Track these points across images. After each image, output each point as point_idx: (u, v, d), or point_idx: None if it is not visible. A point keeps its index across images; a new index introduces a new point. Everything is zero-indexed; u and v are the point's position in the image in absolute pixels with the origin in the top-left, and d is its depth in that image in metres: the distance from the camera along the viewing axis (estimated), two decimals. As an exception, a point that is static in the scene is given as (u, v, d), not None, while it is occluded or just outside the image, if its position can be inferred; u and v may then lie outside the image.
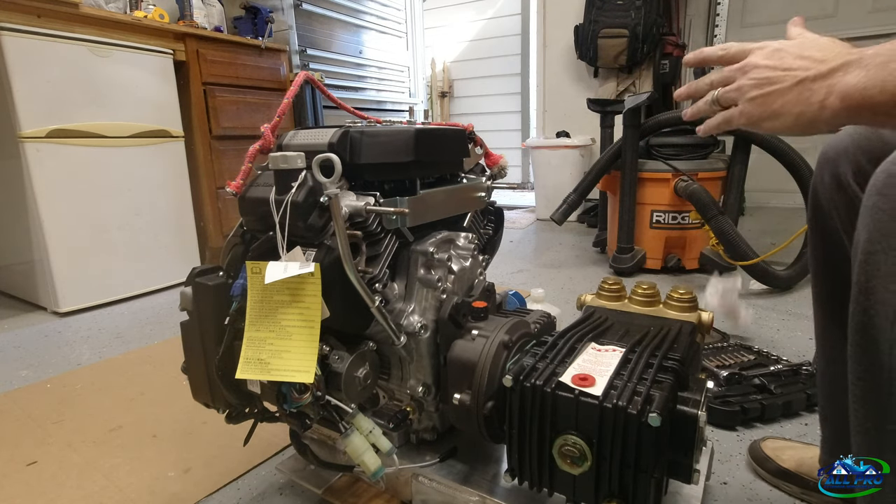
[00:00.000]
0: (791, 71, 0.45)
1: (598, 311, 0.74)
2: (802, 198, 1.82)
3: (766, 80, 0.47)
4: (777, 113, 0.46)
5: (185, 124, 2.06)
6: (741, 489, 0.82)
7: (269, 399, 0.64)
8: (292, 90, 0.74)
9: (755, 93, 0.48)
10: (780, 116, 0.46)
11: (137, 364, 1.34)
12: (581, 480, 0.55)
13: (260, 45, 2.32)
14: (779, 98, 0.46)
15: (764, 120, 0.48)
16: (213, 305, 0.65)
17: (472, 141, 0.87)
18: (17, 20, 1.56)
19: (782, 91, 0.46)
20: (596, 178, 2.08)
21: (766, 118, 0.47)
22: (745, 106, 0.49)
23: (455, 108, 4.86)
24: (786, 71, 0.46)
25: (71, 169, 1.72)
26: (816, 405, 1.02)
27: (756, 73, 0.48)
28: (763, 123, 0.48)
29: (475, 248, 0.78)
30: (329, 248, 0.62)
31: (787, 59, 0.46)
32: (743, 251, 1.69)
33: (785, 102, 0.45)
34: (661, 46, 2.86)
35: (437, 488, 0.70)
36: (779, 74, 0.46)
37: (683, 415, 0.53)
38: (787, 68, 0.46)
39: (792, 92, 0.45)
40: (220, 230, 2.22)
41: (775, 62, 0.47)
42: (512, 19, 4.42)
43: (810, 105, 0.44)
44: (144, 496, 0.84)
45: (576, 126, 3.28)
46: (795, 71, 0.45)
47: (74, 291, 1.76)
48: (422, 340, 0.69)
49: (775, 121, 0.47)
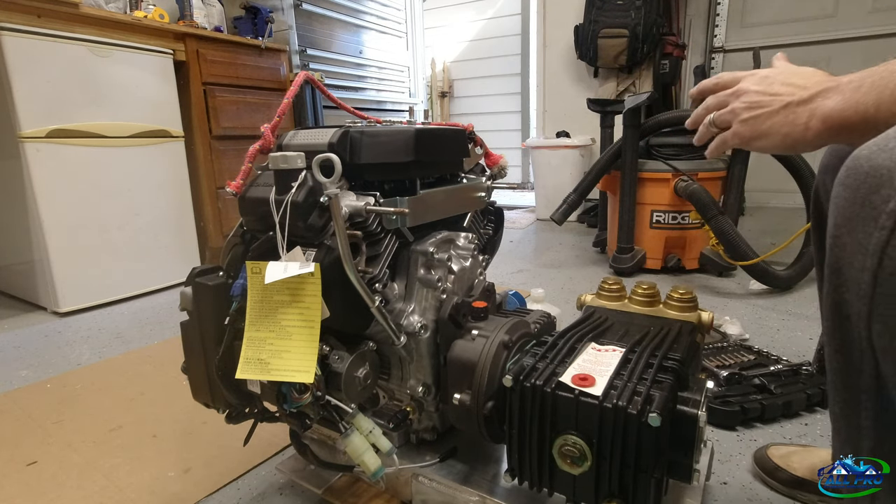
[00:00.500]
0: (778, 96, 0.51)
1: (598, 311, 0.74)
2: (803, 198, 1.82)
3: (755, 104, 0.53)
4: (766, 133, 0.52)
5: (185, 124, 2.06)
6: (741, 489, 0.82)
7: (269, 399, 0.64)
8: (292, 90, 0.74)
9: (746, 115, 0.53)
10: (768, 136, 0.52)
11: (137, 364, 1.35)
12: (581, 480, 0.55)
13: (260, 45, 2.32)
14: (767, 120, 0.51)
15: (754, 139, 0.53)
16: (213, 305, 0.65)
17: (472, 141, 0.87)
18: (17, 20, 1.56)
19: (770, 114, 0.51)
20: (596, 178, 2.08)
21: (756, 138, 0.53)
22: (737, 127, 0.54)
23: (455, 108, 4.86)
24: (773, 96, 0.51)
25: (71, 169, 1.72)
26: (817, 405, 1.02)
27: (747, 97, 0.54)
28: (753, 143, 0.53)
29: (475, 248, 0.78)
30: (329, 248, 0.62)
31: (775, 86, 0.52)
32: (743, 251, 1.69)
33: (773, 124, 0.51)
34: (661, 46, 2.86)
35: (437, 488, 0.70)
36: (767, 99, 0.52)
37: (683, 415, 0.54)
38: (774, 93, 0.51)
39: (779, 115, 0.50)
40: (220, 230, 2.22)
41: (764, 87, 0.53)
42: (512, 19, 4.42)
43: (795, 126, 0.49)
44: (144, 496, 0.84)
45: (576, 126, 3.28)
46: (782, 96, 0.51)
47: (74, 291, 1.76)
48: (422, 340, 0.69)
49: (764, 140, 0.52)
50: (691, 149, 1.94)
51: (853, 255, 0.38)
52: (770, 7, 3.00)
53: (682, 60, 2.99)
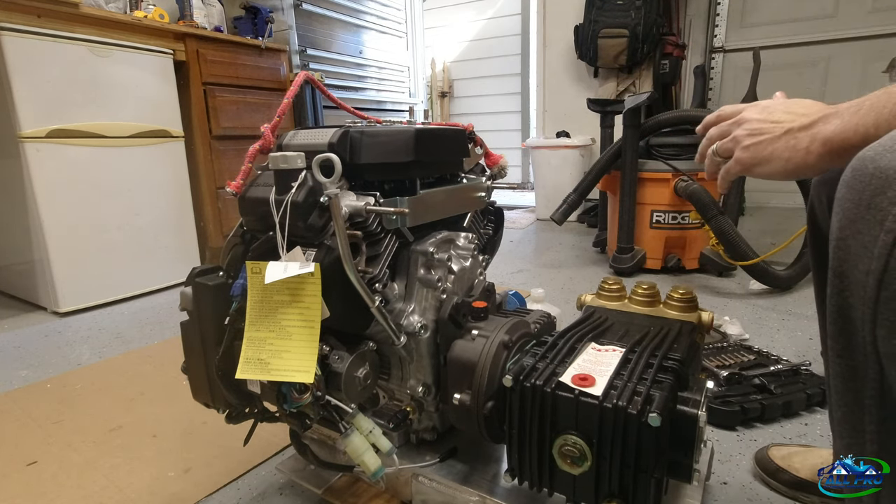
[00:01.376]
0: (779, 123, 0.52)
1: (598, 311, 0.74)
2: (802, 198, 1.82)
3: (757, 131, 0.53)
4: (767, 159, 0.52)
5: (185, 124, 2.06)
6: (741, 489, 0.82)
7: (269, 399, 0.64)
8: (292, 90, 0.74)
9: (749, 141, 0.54)
10: (770, 162, 0.52)
11: (137, 364, 1.35)
12: (581, 480, 0.55)
13: (260, 45, 2.32)
14: (769, 146, 0.52)
15: (756, 165, 0.54)
16: (213, 305, 0.65)
17: (472, 141, 0.87)
18: (17, 20, 1.56)
19: (772, 140, 0.52)
20: (596, 178, 2.08)
21: (758, 163, 0.53)
22: (739, 154, 0.55)
23: (455, 108, 4.86)
24: (774, 123, 0.52)
25: (71, 169, 1.72)
26: (817, 405, 1.02)
27: (748, 125, 0.55)
28: (756, 169, 0.54)
29: (475, 248, 0.78)
30: (329, 248, 0.62)
31: (776, 114, 0.53)
32: (743, 251, 1.69)
33: (774, 149, 0.52)
34: (661, 46, 2.86)
35: (437, 488, 0.70)
36: (769, 126, 0.53)
37: (683, 415, 0.54)
38: (775, 121, 0.52)
39: (780, 140, 0.51)
40: (220, 230, 2.22)
41: (765, 115, 0.54)
42: (512, 19, 4.42)
43: (797, 151, 0.50)
44: (144, 496, 0.84)
45: (576, 126, 3.28)
46: (783, 123, 0.52)
47: (74, 291, 1.76)
48: (422, 340, 0.69)
49: (767, 166, 0.53)
50: (691, 149, 1.95)
51: (858, 257, 0.38)
52: (770, 7, 3.00)
53: (682, 60, 2.99)
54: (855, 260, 0.38)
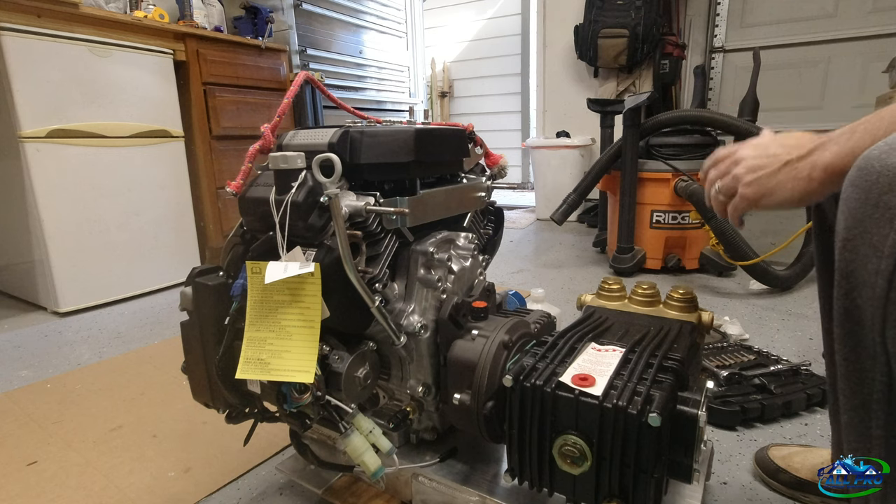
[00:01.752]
0: (776, 156, 0.53)
1: (598, 311, 0.74)
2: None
3: (756, 167, 0.55)
4: (773, 190, 0.53)
5: (185, 124, 2.06)
6: (741, 489, 0.82)
7: (269, 399, 0.64)
8: (292, 90, 0.74)
9: (750, 177, 0.55)
10: (775, 193, 0.53)
11: (137, 364, 1.35)
12: (581, 480, 0.55)
13: (260, 45, 2.32)
14: (771, 179, 0.53)
15: (762, 198, 0.54)
16: (213, 305, 0.65)
17: (472, 141, 0.87)
18: (17, 20, 1.56)
19: (772, 173, 0.53)
20: (596, 178, 2.08)
21: (764, 196, 0.54)
22: (742, 190, 0.56)
23: (455, 108, 4.86)
24: (771, 157, 0.54)
25: (71, 169, 1.72)
26: (817, 405, 1.02)
27: (746, 162, 0.56)
28: (762, 201, 0.54)
29: (475, 248, 0.78)
30: (329, 248, 0.62)
31: (771, 149, 0.54)
32: (743, 251, 1.69)
33: (777, 181, 0.53)
34: (661, 46, 2.86)
35: (437, 488, 0.70)
36: (766, 160, 0.54)
37: (683, 415, 0.54)
38: (772, 155, 0.54)
39: (781, 172, 0.52)
40: (220, 230, 2.22)
41: (761, 151, 0.55)
42: (512, 19, 4.42)
43: (799, 181, 0.50)
44: (144, 496, 0.84)
45: (576, 126, 3.28)
46: (780, 156, 0.53)
47: (74, 291, 1.76)
48: (422, 340, 0.69)
49: (773, 197, 0.53)
50: (691, 149, 1.95)
51: (866, 257, 0.37)
52: (770, 7, 3.00)
53: (682, 60, 2.99)
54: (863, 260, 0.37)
